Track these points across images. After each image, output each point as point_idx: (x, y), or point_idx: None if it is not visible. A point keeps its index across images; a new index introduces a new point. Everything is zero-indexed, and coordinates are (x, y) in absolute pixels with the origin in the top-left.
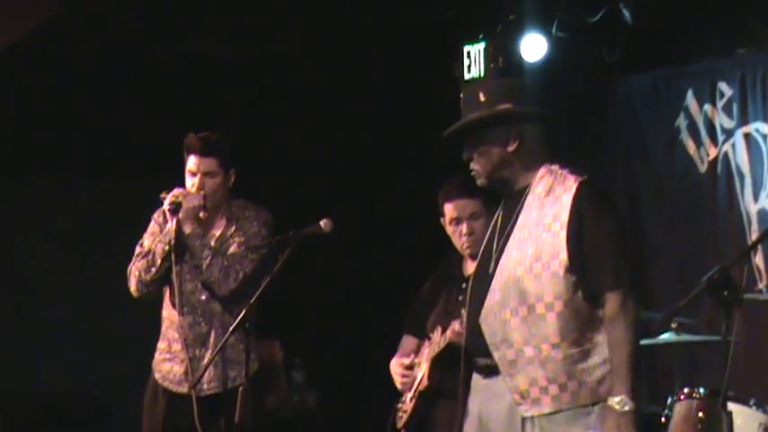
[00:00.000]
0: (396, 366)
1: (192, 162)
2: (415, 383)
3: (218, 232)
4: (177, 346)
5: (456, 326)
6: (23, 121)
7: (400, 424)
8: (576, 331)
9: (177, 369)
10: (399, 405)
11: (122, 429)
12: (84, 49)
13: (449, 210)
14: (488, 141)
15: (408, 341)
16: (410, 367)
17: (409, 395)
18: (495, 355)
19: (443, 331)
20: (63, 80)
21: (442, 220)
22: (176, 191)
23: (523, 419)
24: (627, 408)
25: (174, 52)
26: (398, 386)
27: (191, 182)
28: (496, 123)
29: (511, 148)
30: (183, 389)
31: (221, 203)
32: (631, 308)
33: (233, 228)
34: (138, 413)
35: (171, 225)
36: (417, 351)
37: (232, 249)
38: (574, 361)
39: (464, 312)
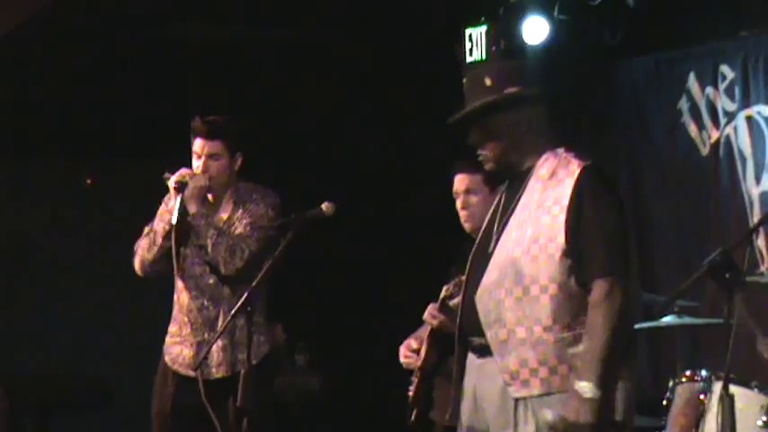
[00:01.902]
0: (402, 348)
1: (197, 145)
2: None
3: (225, 215)
4: (187, 330)
5: (430, 308)
6: (27, 105)
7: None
8: (568, 315)
9: (187, 352)
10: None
11: (127, 413)
12: (88, 33)
13: (453, 184)
14: (497, 126)
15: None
16: (417, 350)
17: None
18: (488, 334)
19: None
20: (68, 64)
21: None
22: (183, 170)
23: (516, 401)
24: (590, 395)
25: (178, 35)
26: (404, 366)
27: (196, 164)
28: (505, 108)
29: (519, 132)
30: (192, 372)
31: (227, 186)
32: (618, 297)
33: (240, 211)
34: (143, 397)
35: (173, 203)
36: None
37: (239, 230)
38: (565, 345)
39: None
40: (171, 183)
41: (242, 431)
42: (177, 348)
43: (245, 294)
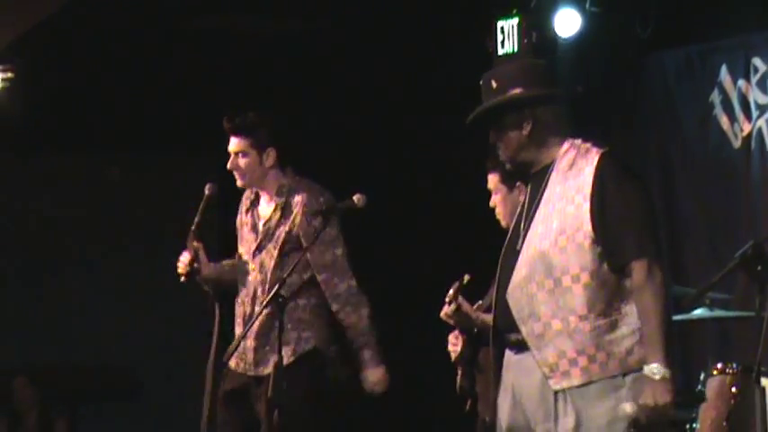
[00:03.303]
0: (450, 336)
1: (229, 143)
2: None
3: (267, 213)
4: (239, 322)
5: (446, 308)
6: (51, 98)
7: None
8: (603, 302)
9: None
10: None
11: (154, 403)
12: (110, 28)
13: None
14: (505, 127)
15: None
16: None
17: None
18: (523, 329)
19: None
20: (88, 59)
21: None
22: (183, 261)
23: (555, 394)
24: (661, 375)
25: (198, 27)
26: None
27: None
28: (509, 109)
29: (526, 132)
30: (238, 368)
31: (261, 182)
32: (658, 275)
33: (282, 209)
34: (170, 388)
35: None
36: None
37: (282, 238)
38: (602, 332)
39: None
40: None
41: (273, 423)
42: (234, 343)
43: (276, 287)
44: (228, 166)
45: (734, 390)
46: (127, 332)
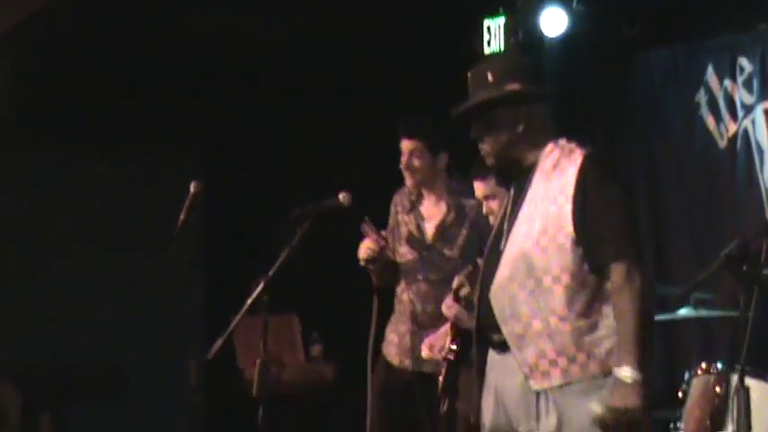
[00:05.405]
0: (423, 346)
1: (402, 144)
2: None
3: (438, 217)
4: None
5: (448, 300)
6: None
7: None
8: (583, 303)
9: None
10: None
11: (139, 400)
12: (96, 25)
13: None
14: (496, 122)
15: None
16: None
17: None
18: (504, 329)
19: None
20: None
21: None
22: (368, 244)
23: (537, 394)
24: (633, 379)
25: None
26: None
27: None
28: (504, 104)
29: (519, 129)
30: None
31: (431, 183)
32: (638, 278)
33: (454, 213)
34: (156, 383)
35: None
36: None
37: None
38: (581, 333)
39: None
40: (361, 261)
41: (258, 421)
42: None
43: (262, 285)
44: (402, 165)
45: (718, 389)
46: (111, 328)
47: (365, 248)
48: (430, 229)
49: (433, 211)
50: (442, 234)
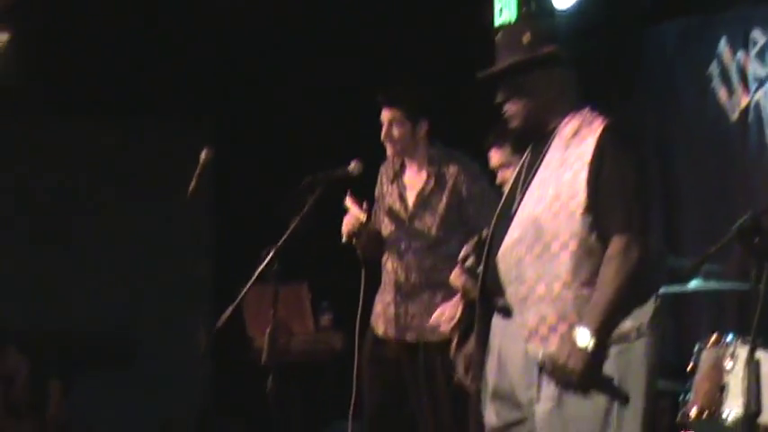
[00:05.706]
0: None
1: (382, 112)
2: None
3: (419, 185)
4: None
5: (457, 269)
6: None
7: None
8: (588, 272)
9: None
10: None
11: (149, 367)
12: None
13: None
14: (531, 84)
15: None
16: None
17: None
18: (508, 291)
19: None
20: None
21: None
22: (349, 220)
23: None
24: (584, 344)
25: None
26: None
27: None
28: (542, 66)
29: (552, 93)
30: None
31: (412, 152)
32: (635, 253)
33: (434, 180)
34: (166, 351)
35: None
36: None
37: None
38: (584, 301)
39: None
40: (344, 237)
41: (267, 389)
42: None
43: (272, 253)
44: (382, 136)
45: (728, 362)
46: (121, 296)
47: (346, 223)
48: (411, 197)
49: (414, 180)
50: (423, 202)
